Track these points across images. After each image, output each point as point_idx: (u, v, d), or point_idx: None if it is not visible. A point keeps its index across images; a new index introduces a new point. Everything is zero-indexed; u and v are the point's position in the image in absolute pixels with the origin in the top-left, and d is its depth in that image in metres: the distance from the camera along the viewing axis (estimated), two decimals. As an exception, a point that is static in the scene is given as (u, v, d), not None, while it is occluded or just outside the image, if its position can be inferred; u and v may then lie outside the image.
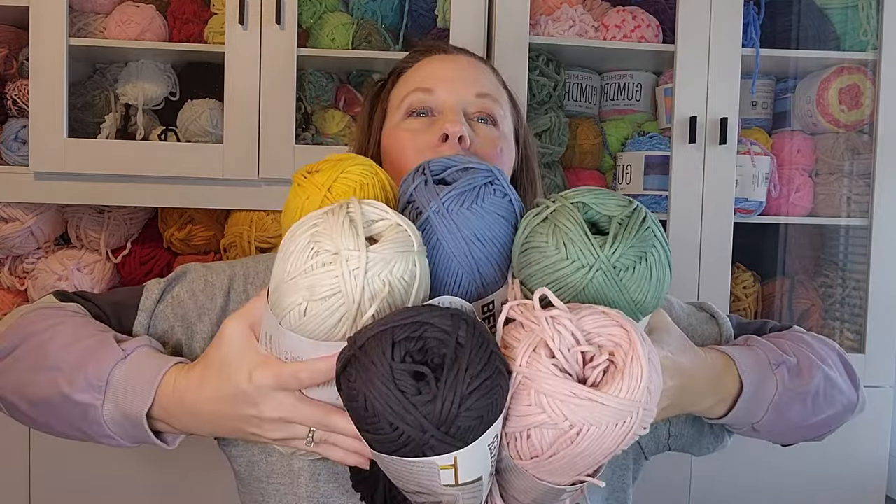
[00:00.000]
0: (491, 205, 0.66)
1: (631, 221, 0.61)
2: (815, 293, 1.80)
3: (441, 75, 0.89)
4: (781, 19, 1.71)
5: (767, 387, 0.77)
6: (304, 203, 0.69)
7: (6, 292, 1.65)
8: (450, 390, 0.53)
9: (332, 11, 1.64)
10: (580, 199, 0.63)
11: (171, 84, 1.65)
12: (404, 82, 0.91)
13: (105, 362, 0.69)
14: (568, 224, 0.61)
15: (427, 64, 0.92)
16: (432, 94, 0.87)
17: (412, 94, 0.88)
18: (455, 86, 0.88)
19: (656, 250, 0.61)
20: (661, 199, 1.65)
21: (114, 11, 1.60)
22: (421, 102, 0.87)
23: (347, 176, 0.70)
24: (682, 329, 0.85)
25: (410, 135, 0.86)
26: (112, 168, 1.53)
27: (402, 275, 0.58)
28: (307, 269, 0.57)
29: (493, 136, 0.87)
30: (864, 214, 1.70)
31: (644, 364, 0.54)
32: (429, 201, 0.65)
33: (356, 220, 0.59)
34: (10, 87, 1.60)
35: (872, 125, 1.69)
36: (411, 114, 0.88)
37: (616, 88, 1.77)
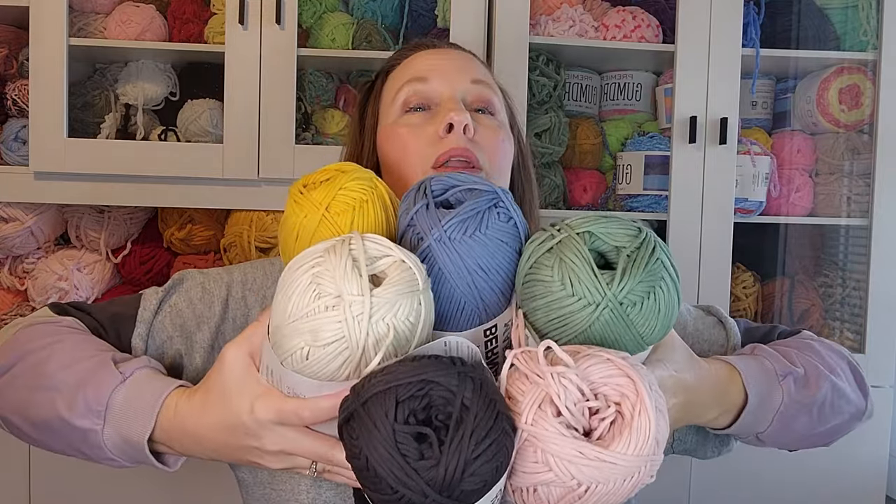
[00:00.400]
0: (495, 231, 0.63)
1: (640, 254, 0.59)
2: (815, 293, 1.80)
3: (434, 65, 0.86)
4: (781, 19, 1.71)
5: (773, 398, 0.76)
6: (302, 221, 0.67)
7: (6, 292, 1.65)
8: (454, 455, 0.51)
9: (332, 11, 1.64)
10: (587, 229, 0.61)
11: (171, 84, 1.65)
12: (395, 77, 0.88)
13: (104, 386, 0.67)
14: (574, 259, 0.59)
15: (417, 58, 0.89)
16: (428, 84, 0.84)
17: (406, 85, 0.85)
18: (450, 74, 0.85)
19: (665, 283, 0.59)
20: (661, 199, 1.65)
21: (114, 11, 1.60)
22: (417, 94, 0.84)
23: (346, 193, 0.67)
24: (689, 334, 0.85)
25: (410, 130, 0.83)
26: (112, 168, 1.53)
27: (407, 316, 0.57)
28: (309, 313, 0.56)
29: (493, 125, 0.85)
30: (864, 214, 1.70)
31: (652, 416, 0.53)
32: (430, 228, 0.63)
33: (359, 259, 0.57)
34: (10, 87, 1.60)
35: (872, 125, 1.69)
36: (408, 109, 0.85)
37: (616, 88, 1.77)
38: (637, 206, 1.67)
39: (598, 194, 1.73)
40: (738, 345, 0.86)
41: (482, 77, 0.86)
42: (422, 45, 0.91)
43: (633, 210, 1.68)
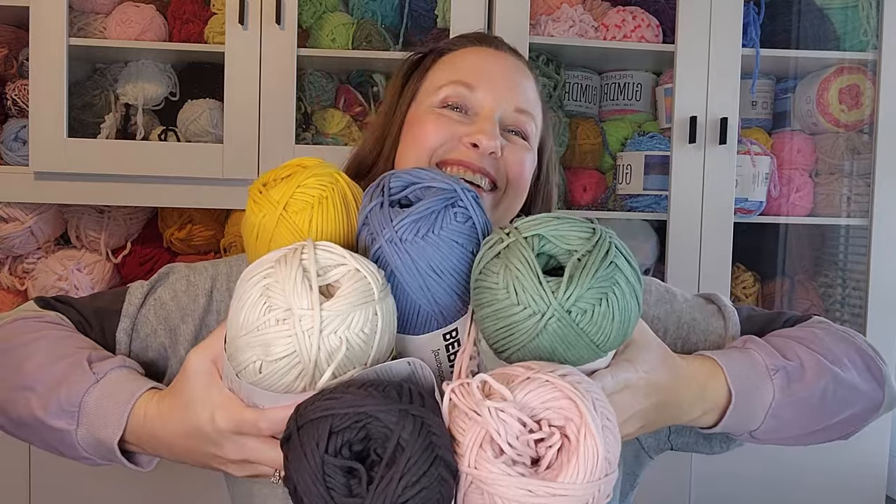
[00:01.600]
0: (449, 232, 0.61)
1: (591, 258, 0.56)
2: (815, 293, 1.80)
3: (486, 73, 0.83)
4: (781, 19, 1.71)
5: (763, 394, 0.73)
6: (261, 221, 0.65)
7: (6, 292, 1.65)
8: (379, 497, 0.49)
9: (332, 11, 1.64)
10: (536, 232, 0.58)
11: (171, 84, 1.65)
12: (446, 66, 0.85)
13: (77, 387, 0.68)
14: (519, 266, 0.56)
15: (474, 53, 0.86)
16: (472, 92, 0.82)
17: (452, 85, 0.82)
18: (498, 91, 0.82)
19: (619, 287, 0.56)
20: (661, 199, 1.65)
21: (114, 11, 1.60)
22: (459, 97, 0.82)
23: (304, 191, 0.65)
24: (683, 324, 0.83)
25: (438, 123, 0.81)
26: (112, 168, 1.53)
27: (362, 328, 0.55)
28: (260, 326, 0.55)
29: (521, 147, 0.82)
30: (864, 214, 1.70)
31: (598, 438, 0.51)
32: (382, 228, 0.61)
33: (310, 271, 0.55)
34: (10, 87, 1.60)
35: (872, 125, 1.69)
36: (446, 105, 0.82)
37: (616, 88, 1.77)
38: (637, 206, 1.67)
39: (598, 194, 1.73)
40: (736, 335, 0.84)
41: (527, 107, 0.84)
42: (485, 39, 0.88)
43: (633, 210, 1.68)
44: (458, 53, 0.86)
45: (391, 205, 0.63)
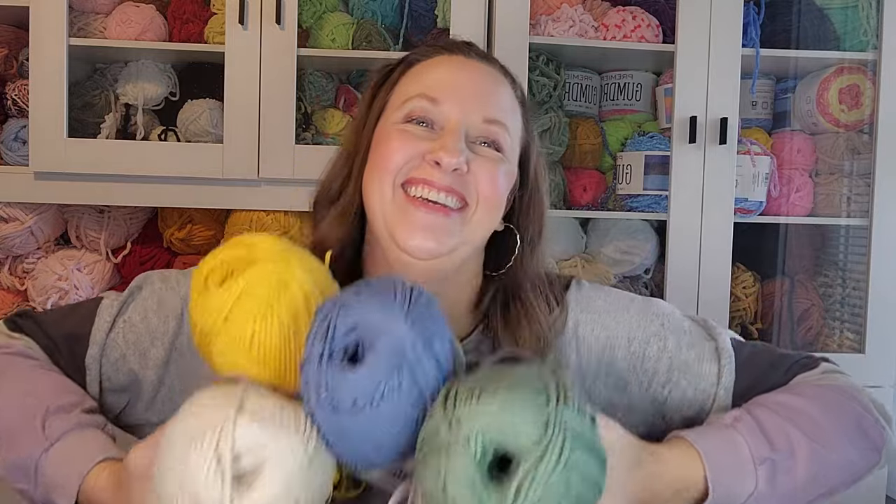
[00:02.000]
0: (392, 405, 0.53)
1: (543, 464, 0.49)
2: (815, 293, 1.80)
3: (452, 85, 0.79)
4: (781, 19, 1.71)
5: (744, 484, 0.69)
6: (201, 322, 0.62)
7: (6, 292, 1.65)
8: None
9: (332, 11, 1.64)
10: (481, 430, 0.50)
11: (171, 84, 1.65)
12: (413, 78, 0.82)
13: (31, 449, 0.69)
14: (459, 467, 0.50)
15: (441, 64, 0.82)
16: (437, 106, 0.77)
17: (416, 99, 0.78)
18: (464, 103, 0.78)
19: (574, 488, 0.50)
20: (661, 199, 1.65)
21: (114, 11, 1.60)
22: (423, 112, 0.78)
23: (247, 301, 0.59)
24: (676, 368, 0.80)
25: (404, 138, 0.77)
26: (112, 168, 1.53)
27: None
28: (174, 499, 0.53)
29: (492, 158, 0.78)
30: (864, 214, 1.70)
31: None
32: (318, 391, 0.54)
33: (224, 459, 0.51)
34: (10, 87, 1.60)
35: (872, 125, 1.69)
36: (410, 119, 0.78)
37: (616, 88, 1.77)
38: (637, 206, 1.67)
39: (598, 194, 1.73)
40: (729, 387, 0.80)
41: (498, 116, 0.79)
42: (455, 47, 0.84)
43: (633, 210, 1.68)
44: (426, 64, 0.82)
45: (331, 356, 0.55)
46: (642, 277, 1.76)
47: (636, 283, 1.75)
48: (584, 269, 1.70)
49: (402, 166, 0.76)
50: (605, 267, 1.71)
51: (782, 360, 0.83)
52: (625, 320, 0.82)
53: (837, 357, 1.69)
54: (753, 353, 0.83)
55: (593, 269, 1.71)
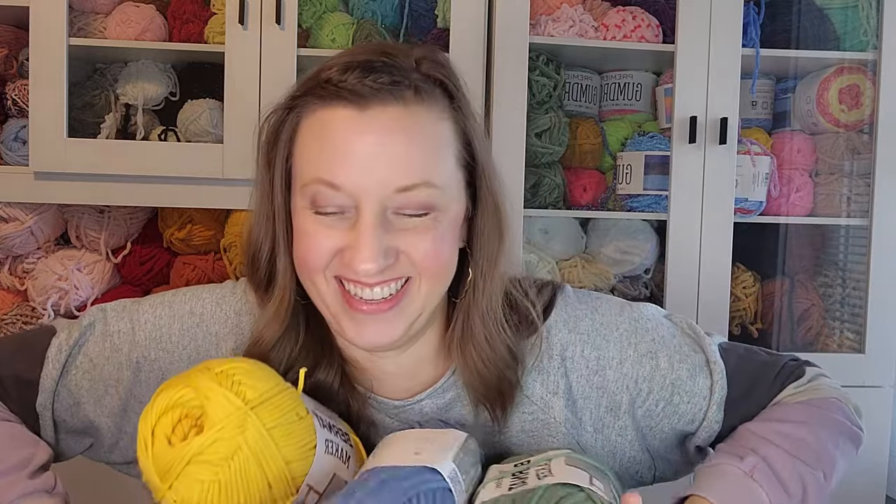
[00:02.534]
0: None
1: None
2: (815, 293, 1.80)
3: (350, 160, 0.67)
4: (781, 19, 1.71)
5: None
6: (149, 475, 0.60)
7: (6, 292, 1.65)
8: None
9: (332, 11, 1.64)
10: None
11: (171, 84, 1.65)
12: (305, 148, 0.70)
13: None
14: None
15: (330, 126, 0.68)
16: (340, 192, 0.67)
17: (313, 185, 0.68)
18: (371, 179, 0.66)
19: None
20: (661, 199, 1.65)
21: (114, 11, 1.60)
22: (326, 199, 0.68)
23: (197, 469, 0.57)
24: (669, 384, 0.79)
25: (318, 235, 0.69)
26: (112, 168, 1.53)
27: None
28: None
29: (425, 227, 0.69)
30: (864, 214, 1.70)
31: None
32: None
33: None
34: (10, 87, 1.60)
35: (872, 125, 1.69)
36: (317, 210, 0.69)
37: (616, 88, 1.77)
38: (637, 206, 1.67)
39: (598, 194, 1.73)
40: (721, 401, 0.79)
41: (412, 179, 0.67)
42: (339, 95, 0.69)
43: (633, 210, 1.68)
44: (315, 122, 0.70)
45: None
46: (642, 277, 1.76)
47: (636, 283, 1.75)
48: (584, 269, 1.70)
49: (327, 264, 0.69)
50: (605, 267, 1.71)
51: (769, 369, 0.82)
52: (615, 339, 0.79)
53: (837, 357, 1.71)
54: (741, 361, 0.82)
55: (593, 269, 1.71)
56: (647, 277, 1.76)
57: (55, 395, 0.77)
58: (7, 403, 0.77)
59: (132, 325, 0.78)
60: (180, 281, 1.62)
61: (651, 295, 1.75)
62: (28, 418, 0.77)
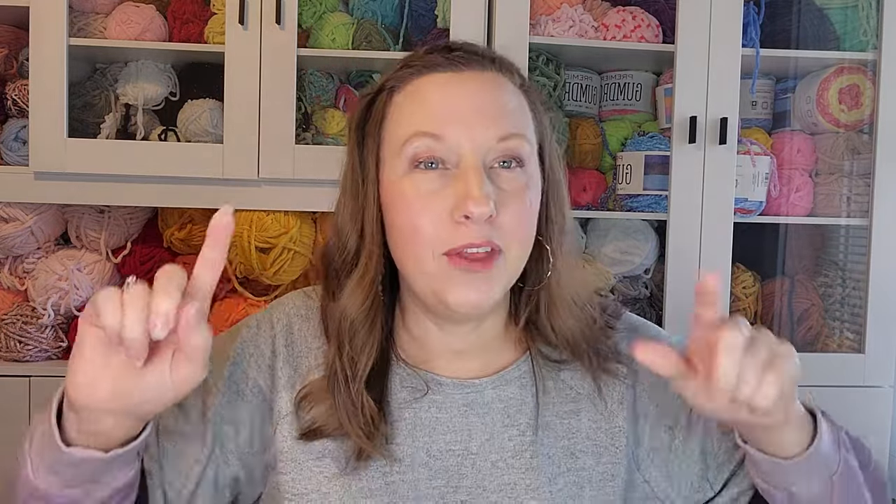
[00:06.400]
0: None
1: None
2: (815, 293, 1.80)
3: (450, 112, 0.71)
4: (781, 19, 1.71)
5: (830, 460, 0.69)
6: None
7: (6, 292, 1.65)
8: None
9: (332, 11, 1.64)
10: None
11: (171, 84, 1.65)
12: (404, 109, 0.73)
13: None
14: None
15: (429, 87, 0.73)
16: (442, 142, 0.70)
17: (414, 139, 0.70)
18: (471, 128, 0.70)
19: None
20: (661, 199, 1.65)
21: (114, 11, 1.60)
22: (429, 152, 0.70)
23: None
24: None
25: (420, 198, 0.70)
26: (112, 168, 1.53)
27: None
28: None
29: (519, 185, 0.72)
30: (864, 214, 1.70)
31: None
32: None
33: None
34: (10, 87, 1.60)
35: (872, 125, 1.68)
36: (417, 164, 0.71)
37: (616, 88, 1.77)
38: (637, 206, 1.67)
39: (598, 194, 1.73)
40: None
41: (512, 129, 0.72)
42: (438, 64, 0.74)
43: (633, 210, 1.68)
44: (411, 90, 0.74)
45: None
46: (642, 277, 1.76)
47: (636, 283, 1.75)
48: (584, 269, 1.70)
49: (434, 235, 0.70)
50: (605, 267, 1.71)
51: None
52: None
53: (837, 357, 1.72)
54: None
55: (593, 269, 1.71)
56: (647, 277, 1.76)
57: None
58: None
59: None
60: (180, 281, 1.62)
61: (651, 295, 1.75)
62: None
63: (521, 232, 0.72)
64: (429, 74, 0.73)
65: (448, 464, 0.75)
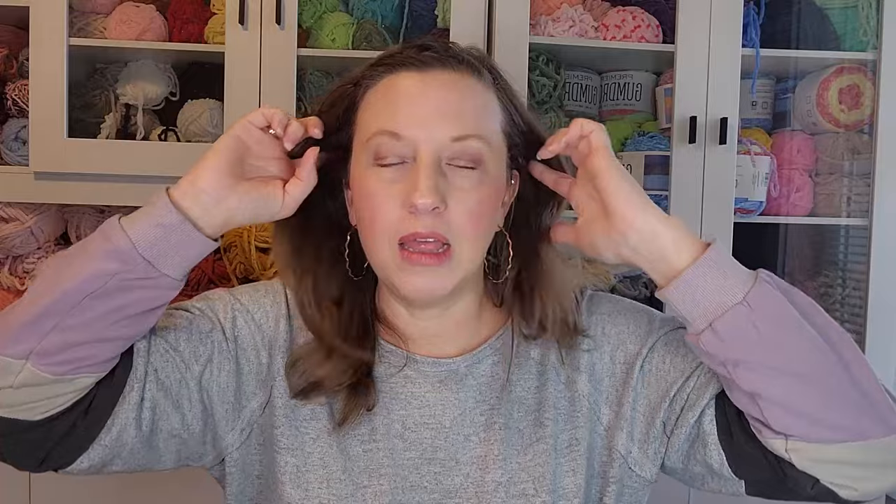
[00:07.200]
0: None
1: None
2: (815, 293, 1.80)
3: (411, 112, 0.76)
4: (781, 19, 1.71)
5: (740, 279, 0.72)
6: None
7: (6, 292, 1.65)
8: None
9: (332, 11, 1.64)
10: None
11: (171, 84, 1.65)
12: (370, 107, 0.80)
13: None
14: None
15: (394, 86, 0.79)
16: (401, 140, 0.76)
17: (376, 137, 0.77)
18: (426, 127, 0.76)
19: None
20: (661, 199, 1.65)
21: (114, 11, 1.60)
22: (388, 149, 0.76)
23: None
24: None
25: (380, 190, 0.76)
26: (112, 168, 1.53)
27: None
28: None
29: (471, 184, 0.76)
30: (864, 214, 1.70)
31: None
32: None
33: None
34: (10, 87, 1.60)
35: (872, 125, 1.68)
36: (379, 160, 0.77)
37: (616, 88, 1.77)
38: (637, 206, 1.67)
39: (598, 194, 1.72)
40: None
41: (468, 130, 0.76)
42: (405, 61, 0.80)
43: (633, 210, 1.67)
44: (381, 87, 0.80)
45: None
46: (642, 277, 1.75)
47: (636, 283, 1.75)
48: (584, 269, 1.70)
49: (389, 225, 0.76)
50: (605, 267, 1.71)
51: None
52: (633, 315, 0.87)
53: (837, 357, 1.70)
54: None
55: (593, 269, 1.71)
56: (647, 277, 1.75)
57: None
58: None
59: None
60: (180, 281, 1.62)
61: (651, 295, 1.75)
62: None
63: (471, 228, 0.77)
64: (398, 72, 0.80)
65: (422, 436, 0.80)
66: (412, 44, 0.82)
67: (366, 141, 0.78)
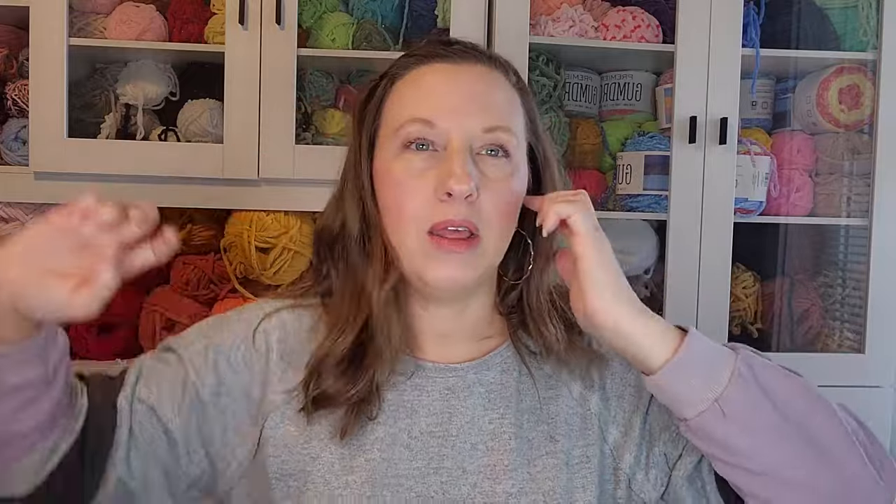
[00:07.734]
0: None
1: None
2: (815, 293, 1.80)
3: (443, 101, 0.77)
4: (781, 19, 1.71)
5: (725, 363, 0.70)
6: None
7: (6, 292, 1.65)
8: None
9: (332, 11, 1.64)
10: None
11: (171, 84, 1.65)
12: (400, 97, 0.80)
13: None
14: None
15: (426, 77, 0.79)
16: (432, 128, 0.76)
17: (408, 124, 0.76)
18: (461, 118, 0.76)
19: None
20: (661, 199, 1.65)
21: (114, 11, 1.60)
22: (420, 135, 0.76)
23: None
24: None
25: (408, 178, 0.76)
26: (112, 168, 1.53)
27: None
28: None
29: (503, 173, 0.77)
30: (864, 214, 1.70)
31: None
32: None
33: None
34: (10, 87, 1.60)
35: (872, 125, 1.68)
36: (408, 146, 0.77)
37: (616, 88, 1.77)
38: (637, 206, 1.67)
39: (598, 194, 1.73)
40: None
41: (499, 121, 0.77)
42: (435, 54, 0.80)
43: (633, 210, 1.68)
44: (411, 78, 0.80)
45: None
46: (642, 277, 1.76)
47: (636, 283, 1.75)
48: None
49: (419, 213, 0.75)
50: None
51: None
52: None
53: (837, 357, 1.72)
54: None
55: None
56: (647, 277, 1.76)
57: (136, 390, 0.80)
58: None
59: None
60: (180, 281, 1.62)
61: (651, 295, 1.75)
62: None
63: (500, 219, 0.77)
64: (429, 64, 0.80)
65: (429, 445, 0.78)
66: (438, 38, 0.84)
67: (396, 130, 0.77)
